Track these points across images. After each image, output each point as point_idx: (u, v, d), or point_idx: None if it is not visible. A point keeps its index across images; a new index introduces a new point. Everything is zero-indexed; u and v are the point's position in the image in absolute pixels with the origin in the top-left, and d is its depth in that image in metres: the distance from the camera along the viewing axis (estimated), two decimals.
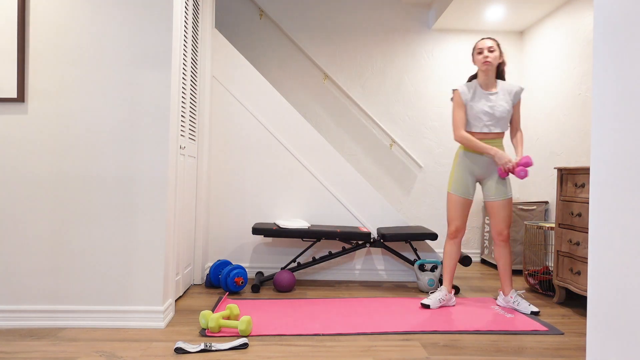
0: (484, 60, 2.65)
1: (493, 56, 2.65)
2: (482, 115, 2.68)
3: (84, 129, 2.30)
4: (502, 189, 2.71)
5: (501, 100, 2.69)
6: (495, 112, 2.67)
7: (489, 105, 2.68)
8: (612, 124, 1.02)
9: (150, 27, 2.31)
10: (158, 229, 2.30)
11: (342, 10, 4.32)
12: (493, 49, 2.66)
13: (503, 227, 2.72)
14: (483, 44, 2.67)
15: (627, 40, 0.99)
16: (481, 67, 2.68)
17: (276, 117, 3.44)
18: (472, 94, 2.71)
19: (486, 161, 2.72)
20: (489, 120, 2.68)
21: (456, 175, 2.76)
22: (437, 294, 2.74)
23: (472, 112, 2.70)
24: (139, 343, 2.07)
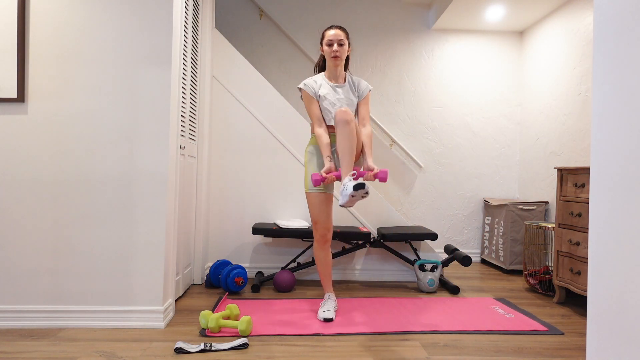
0: (333, 55, 2.55)
1: (342, 50, 2.56)
2: (330, 107, 2.57)
3: (84, 128, 2.30)
4: None
5: (348, 93, 2.60)
6: (341, 104, 2.56)
7: (337, 97, 2.58)
8: (612, 124, 1.02)
9: (150, 27, 2.31)
10: (158, 229, 2.30)
11: (342, 10, 4.32)
12: (343, 42, 2.56)
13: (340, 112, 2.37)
14: (334, 36, 2.54)
15: (627, 40, 0.99)
16: (329, 60, 2.58)
17: (276, 116, 3.44)
18: (319, 87, 2.61)
19: None
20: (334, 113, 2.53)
21: (306, 173, 2.60)
22: (331, 304, 2.53)
23: (324, 105, 2.58)
24: (139, 343, 2.07)
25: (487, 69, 4.41)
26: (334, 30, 2.56)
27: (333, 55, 2.55)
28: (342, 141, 2.33)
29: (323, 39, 2.60)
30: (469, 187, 4.42)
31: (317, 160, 2.59)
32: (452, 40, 4.39)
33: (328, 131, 2.59)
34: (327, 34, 2.58)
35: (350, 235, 3.15)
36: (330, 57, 2.57)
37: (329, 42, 2.56)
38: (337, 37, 2.55)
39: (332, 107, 2.57)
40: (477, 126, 4.42)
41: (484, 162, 4.42)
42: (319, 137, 2.50)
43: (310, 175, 2.41)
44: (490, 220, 4.18)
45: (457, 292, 3.09)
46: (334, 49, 2.55)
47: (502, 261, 3.90)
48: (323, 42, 2.60)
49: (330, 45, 2.56)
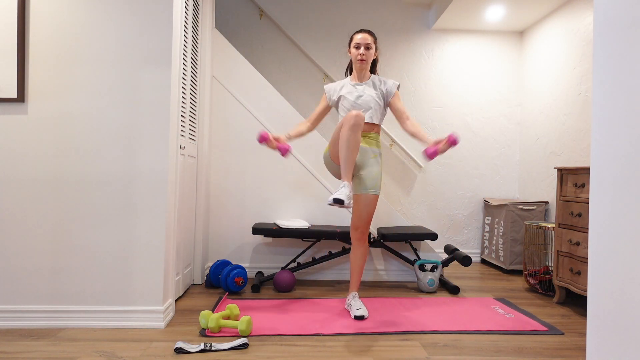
0: (359, 58, 2.61)
1: (369, 53, 2.61)
2: (348, 105, 2.63)
3: (84, 129, 2.30)
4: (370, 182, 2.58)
5: (368, 90, 2.63)
6: (361, 101, 2.61)
7: (356, 94, 2.63)
8: (612, 124, 1.02)
9: (150, 27, 2.31)
10: (158, 229, 2.30)
11: (342, 10, 4.32)
12: (370, 46, 2.61)
13: (357, 221, 2.57)
14: (362, 40, 2.60)
15: (627, 40, 0.99)
16: (355, 63, 2.64)
17: (276, 116, 3.44)
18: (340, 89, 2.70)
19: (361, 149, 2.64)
20: (354, 109, 2.60)
21: None
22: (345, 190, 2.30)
23: (343, 104, 2.67)
24: (139, 343, 2.07)
25: (487, 69, 4.41)
26: (362, 34, 2.61)
27: (359, 58, 2.61)
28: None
29: (351, 42, 2.65)
30: (469, 187, 4.42)
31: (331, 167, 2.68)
32: (452, 40, 4.39)
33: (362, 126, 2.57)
34: (355, 37, 2.63)
35: (350, 235, 3.15)
36: (356, 59, 2.62)
37: (357, 45, 2.61)
38: (365, 40, 2.60)
39: (348, 105, 2.64)
40: (477, 126, 4.42)
41: (484, 162, 4.42)
42: (299, 124, 2.72)
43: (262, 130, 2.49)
44: (490, 220, 4.18)
45: (457, 292, 3.09)
46: (361, 52, 2.60)
47: (502, 261, 3.90)
48: (351, 45, 2.65)
49: (357, 48, 2.61)
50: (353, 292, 2.63)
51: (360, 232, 2.59)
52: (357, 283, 2.65)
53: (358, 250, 2.62)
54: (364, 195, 2.58)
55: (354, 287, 2.64)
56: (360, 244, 2.61)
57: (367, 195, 2.58)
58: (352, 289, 2.64)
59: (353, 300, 2.58)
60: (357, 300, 2.57)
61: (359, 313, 2.45)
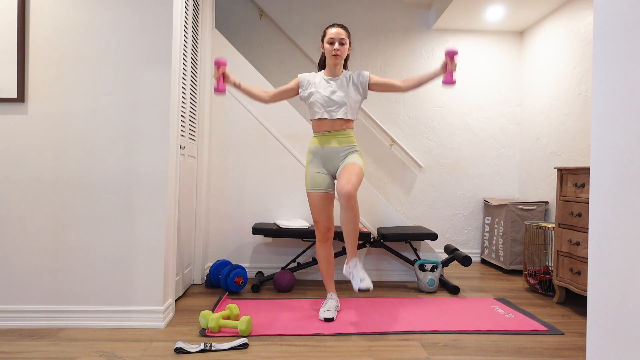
0: (334, 53, 2.55)
1: (343, 49, 2.57)
2: (321, 100, 2.57)
3: (83, 128, 2.30)
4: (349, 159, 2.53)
5: (342, 85, 2.59)
6: (335, 97, 2.56)
7: (330, 90, 2.58)
8: (612, 124, 1.02)
9: (150, 27, 2.31)
10: (158, 229, 2.30)
11: (342, 11, 4.32)
12: (344, 41, 2.56)
13: (344, 183, 2.37)
14: (336, 34, 2.54)
15: (627, 40, 0.99)
16: (330, 59, 2.58)
17: (276, 116, 3.44)
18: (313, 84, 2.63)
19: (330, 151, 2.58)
20: (328, 105, 2.56)
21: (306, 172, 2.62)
22: (332, 303, 2.52)
23: (315, 99, 2.59)
24: (139, 343, 2.07)
25: (487, 69, 4.41)
26: (336, 29, 2.56)
27: (334, 53, 2.55)
28: (346, 224, 2.42)
29: (324, 37, 2.60)
30: (469, 187, 4.42)
31: (317, 161, 2.59)
32: (452, 40, 4.39)
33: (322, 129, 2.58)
34: (328, 31, 2.57)
35: None
36: (330, 55, 2.56)
37: (330, 40, 2.55)
38: (339, 35, 2.54)
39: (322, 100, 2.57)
40: (477, 126, 4.42)
41: (484, 162, 4.42)
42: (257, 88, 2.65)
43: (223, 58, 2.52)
44: (490, 220, 4.18)
45: (457, 292, 3.09)
46: (335, 47, 2.55)
47: (502, 261, 3.90)
48: (324, 40, 2.60)
49: (331, 43, 2.56)
50: (354, 258, 2.42)
51: (347, 192, 2.34)
52: (355, 249, 2.44)
53: (349, 212, 2.37)
54: (345, 164, 2.49)
55: (352, 253, 2.43)
56: (350, 204, 2.36)
57: (349, 164, 2.49)
58: (350, 256, 2.44)
59: (355, 269, 2.39)
60: (360, 269, 2.37)
61: (364, 285, 2.30)
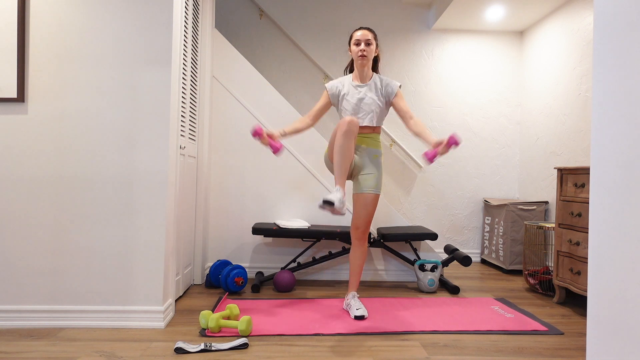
0: (360, 54, 2.58)
1: (369, 50, 2.58)
2: (349, 107, 2.61)
3: (84, 129, 2.30)
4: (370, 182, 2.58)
5: (370, 92, 2.62)
6: (363, 105, 2.59)
7: (357, 97, 2.61)
8: (612, 124, 1.02)
9: (150, 27, 2.31)
10: (158, 229, 2.30)
11: (342, 10, 4.32)
12: (370, 42, 2.59)
13: (360, 222, 2.56)
14: (362, 36, 2.57)
15: (627, 40, 0.99)
16: (357, 60, 2.61)
17: (276, 116, 3.44)
18: (342, 88, 2.66)
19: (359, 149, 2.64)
20: (356, 112, 2.60)
21: None
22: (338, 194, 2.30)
23: (343, 105, 2.64)
24: (139, 343, 2.07)
25: (487, 69, 4.41)
26: (362, 31, 2.60)
27: (360, 54, 2.58)
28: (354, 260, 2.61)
29: (351, 39, 2.63)
30: (469, 187, 4.42)
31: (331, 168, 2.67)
32: (452, 40, 4.39)
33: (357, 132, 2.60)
34: (355, 34, 2.61)
35: (350, 235, 3.15)
36: (357, 56, 2.60)
37: (357, 42, 2.59)
38: (365, 37, 2.58)
39: (350, 107, 2.62)
40: (477, 126, 4.42)
41: (484, 162, 4.42)
42: (297, 120, 2.67)
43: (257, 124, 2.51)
44: (490, 220, 4.18)
45: (457, 292, 3.09)
46: (361, 47, 2.58)
47: (502, 261, 3.90)
48: (351, 42, 2.63)
49: (357, 44, 2.59)
50: (352, 292, 2.63)
51: (361, 232, 2.59)
52: (357, 283, 2.65)
53: (358, 250, 2.62)
54: (364, 194, 2.58)
55: (353, 287, 2.64)
56: (361, 243, 2.61)
57: (368, 195, 2.57)
58: (351, 289, 2.64)
59: (352, 300, 2.58)
60: (357, 301, 2.57)
61: (359, 313, 2.46)
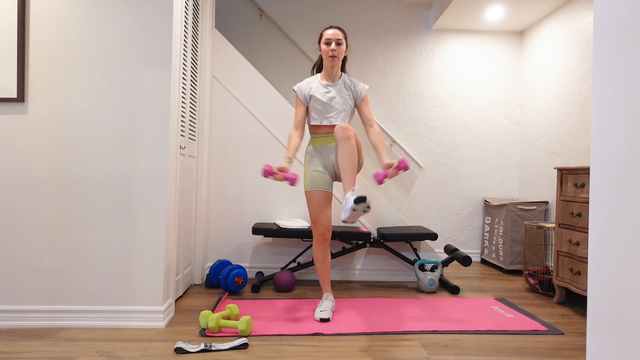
0: (330, 54, 2.56)
1: (340, 49, 2.57)
2: (320, 106, 2.58)
3: (84, 128, 2.30)
4: None
5: (340, 92, 2.59)
6: (334, 103, 2.57)
7: (328, 96, 2.58)
8: (612, 124, 1.02)
9: (150, 27, 2.31)
10: (158, 229, 2.30)
11: (342, 11, 4.32)
12: (341, 42, 2.56)
13: None
14: (332, 35, 2.55)
15: (627, 40, 0.99)
16: (326, 59, 2.59)
17: (276, 116, 3.44)
18: (310, 89, 2.62)
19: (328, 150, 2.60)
20: (327, 112, 2.57)
21: (305, 172, 2.62)
22: (328, 304, 2.50)
23: (312, 105, 2.60)
24: (139, 343, 2.07)
25: (487, 68, 4.41)
26: (333, 30, 2.57)
27: (330, 54, 2.56)
28: (342, 157, 2.28)
29: (321, 38, 2.61)
30: (469, 187, 4.42)
31: (316, 160, 2.59)
32: (452, 40, 4.39)
33: (319, 131, 2.62)
34: (325, 33, 2.59)
35: (350, 235, 3.15)
36: (327, 56, 2.57)
37: (327, 41, 2.57)
38: (335, 36, 2.55)
39: (320, 106, 2.58)
40: (477, 126, 4.42)
41: (484, 162, 4.42)
42: (290, 138, 2.54)
43: (264, 164, 2.42)
44: (490, 220, 4.18)
45: (457, 292, 3.09)
46: (332, 47, 2.55)
47: (502, 261, 3.90)
48: (321, 42, 2.60)
49: (328, 44, 2.57)
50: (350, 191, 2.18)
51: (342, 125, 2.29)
52: (352, 181, 2.26)
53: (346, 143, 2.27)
54: None
55: (349, 185, 2.25)
56: (347, 134, 2.27)
57: None
58: (347, 188, 2.24)
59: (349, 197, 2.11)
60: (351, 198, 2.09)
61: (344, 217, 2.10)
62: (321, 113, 2.58)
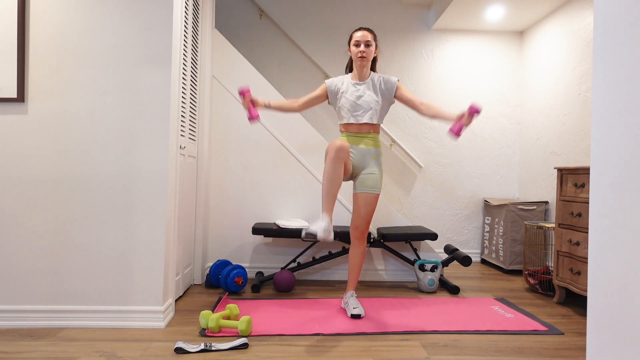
0: (359, 55, 2.60)
1: (369, 51, 2.61)
2: (348, 104, 2.63)
3: (83, 129, 2.30)
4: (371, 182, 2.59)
5: (369, 90, 2.63)
6: (361, 102, 2.61)
7: (356, 95, 2.63)
8: (612, 124, 1.02)
9: (150, 27, 2.31)
10: (158, 229, 2.30)
11: (342, 10, 4.32)
12: (370, 44, 2.61)
13: (360, 221, 2.58)
14: (361, 37, 2.60)
15: (627, 40, 0.99)
16: (356, 61, 2.63)
17: (276, 116, 3.44)
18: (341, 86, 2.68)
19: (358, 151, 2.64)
20: (354, 110, 2.62)
21: None
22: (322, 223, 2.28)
23: (341, 103, 2.66)
24: (139, 343, 2.07)
25: (487, 69, 4.41)
26: (362, 32, 2.62)
27: (359, 55, 2.61)
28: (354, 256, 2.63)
29: (351, 40, 2.66)
30: (469, 187, 4.42)
31: None
32: (452, 40, 4.39)
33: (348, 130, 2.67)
34: (354, 35, 2.64)
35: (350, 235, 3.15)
36: (356, 57, 2.62)
37: (356, 43, 2.62)
38: (365, 38, 2.60)
39: (348, 104, 2.64)
40: (477, 126, 4.42)
41: (484, 162, 4.42)
42: (284, 100, 2.75)
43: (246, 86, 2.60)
44: (490, 220, 4.18)
45: (457, 292, 3.09)
46: (361, 49, 2.60)
47: (502, 261, 3.90)
48: (351, 43, 2.66)
49: (357, 45, 2.62)
50: (350, 291, 2.64)
51: (360, 232, 2.61)
52: (355, 282, 2.66)
53: (357, 249, 2.63)
54: (364, 194, 2.59)
55: (351, 285, 2.65)
56: (360, 243, 2.63)
57: (368, 194, 2.59)
58: (349, 288, 2.65)
59: (350, 298, 2.58)
60: (354, 299, 2.58)
61: (356, 312, 2.47)
62: (349, 111, 2.64)
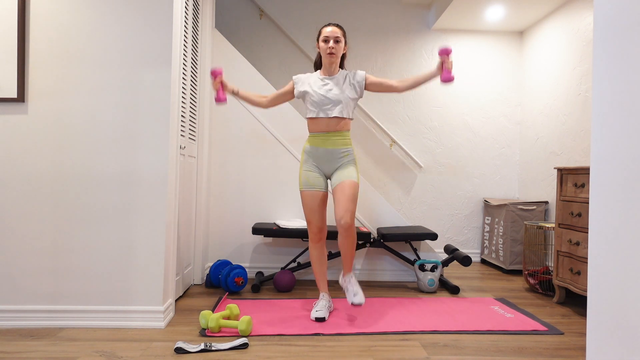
0: (329, 51, 2.55)
1: (338, 47, 2.56)
2: (317, 97, 2.56)
3: (84, 128, 2.30)
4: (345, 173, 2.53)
5: (337, 85, 2.58)
6: (331, 95, 2.55)
7: (325, 88, 2.58)
8: (612, 124, 1.02)
9: (150, 27, 2.31)
10: (158, 228, 2.30)
11: (342, 10, 4.32)
12: (339, 40, 2.56)
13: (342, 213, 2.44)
14: (330, 33, 2.54)
15: (627, 40, 0.99)
16: (325, 57, 2.58)
17: (276, 116, 3.44)
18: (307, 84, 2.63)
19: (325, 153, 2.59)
20: (323, 104, 2.56)
21: (300, 171, 2.62)
22: (324, 304, 2.52)
23: (309, 98, 2.60)
24: (139, 343, 2.07)
25: (487, 68, 4.41)
26: (331, 27, 2.56)
27: (329, 51, 2.55)
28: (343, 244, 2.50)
29: (320, 36, 2.60)
30: (469, 187, 4.42)
31: (312, 161, 2.58)
32: (452, 40, 4.39)
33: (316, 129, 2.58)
34: (323, 30, 2.58)
35: None
36: (325, 53, 2.57)
37: (325, 39, 2.56)
38: (334, 34, 2.55)
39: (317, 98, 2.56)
40: (477, 126, 4.42)
41: (484, 162, 4.42)
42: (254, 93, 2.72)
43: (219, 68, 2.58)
44: (490, 220, 4.18)
45: (457, 292, 3.09)
46: (330, 45, 2.54)
47: (502, 261, 3.90)
48: (319, 39, 2.60)
49: (326, 41, 2.56)
50: (349, 273, 2.51)
51: (346, 223, 2.42)
52: (350, 265, 2.52)
53: (346, 239, 2.46)
54: (340, 184, 2.49)
55: (347, 269, 2.52)
56: (348, 234, 2.45)
57: (345, 181, 2.49)
58: (346, 271, 2.52)
59: (349, 283, 2.47)
60: (354, 284, 2.46)
61: (357, 300, 2.38)
62: (317, 105, 2.57)
